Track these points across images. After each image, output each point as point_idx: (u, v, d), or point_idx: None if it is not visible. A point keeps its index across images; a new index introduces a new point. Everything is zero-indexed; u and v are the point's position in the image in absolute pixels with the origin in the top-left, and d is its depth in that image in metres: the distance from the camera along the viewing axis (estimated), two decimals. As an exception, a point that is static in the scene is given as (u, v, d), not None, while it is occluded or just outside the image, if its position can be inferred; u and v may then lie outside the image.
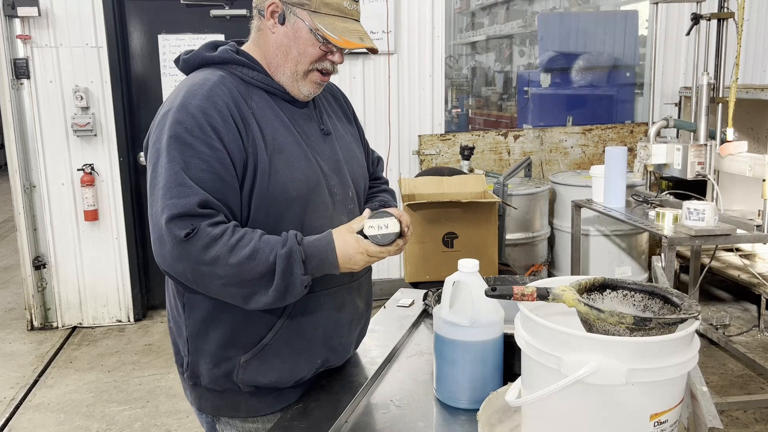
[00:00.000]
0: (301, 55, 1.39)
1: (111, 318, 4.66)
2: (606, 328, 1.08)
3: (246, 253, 1.25)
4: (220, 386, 1.43)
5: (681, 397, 1.08)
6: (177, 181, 1.26)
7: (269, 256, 1.27)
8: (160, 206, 1.26)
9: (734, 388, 3.54)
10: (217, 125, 1.30)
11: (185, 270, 1.27)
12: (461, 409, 1.39)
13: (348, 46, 1.36)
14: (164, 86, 4.59)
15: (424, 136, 4.79)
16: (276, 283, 1.27)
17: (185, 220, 1.24)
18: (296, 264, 1.28)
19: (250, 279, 1.26)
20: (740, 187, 4.21)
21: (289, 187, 1.36)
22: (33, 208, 4.48)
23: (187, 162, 1.28)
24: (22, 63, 4.26)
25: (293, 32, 1.38)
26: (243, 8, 4.58)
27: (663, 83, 5.04)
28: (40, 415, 3.45)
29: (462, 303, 1.37)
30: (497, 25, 6.57)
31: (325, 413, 1.38)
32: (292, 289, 1.29)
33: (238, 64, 1.41)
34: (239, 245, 1.26)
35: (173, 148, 1.29)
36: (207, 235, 1.24)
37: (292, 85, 1.42)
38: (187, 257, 1.25)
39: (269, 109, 1.40)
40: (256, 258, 1.26)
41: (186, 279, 1.29)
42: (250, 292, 1.28)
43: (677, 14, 4.97)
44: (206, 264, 1.25)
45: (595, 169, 3.75)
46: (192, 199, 1.25)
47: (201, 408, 1.49)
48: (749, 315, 4.46)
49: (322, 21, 1.36)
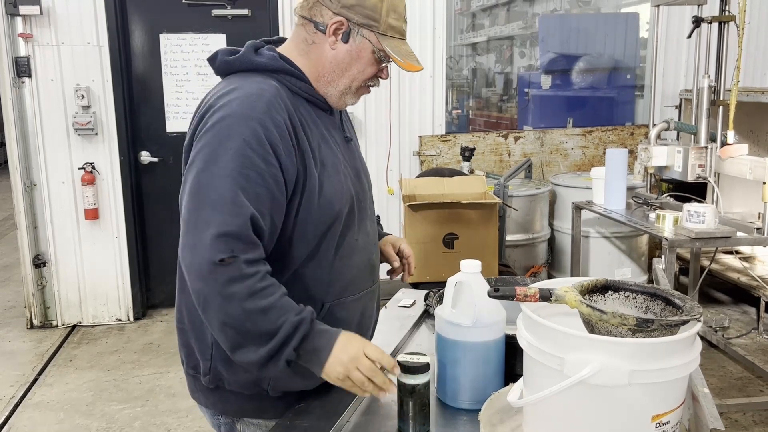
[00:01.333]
0: (360, 73, 1.42)
1: (111, 317, 4.67)
2: (608, 329, 1.09)
3: (262, 305, 1.23)
4: (248, 390, 1.42)
5: (682, 399, 1.08)
6: (231, 198, 1.24)
7: (279, 319, 1.24)
8: (208, 218, 1.24)
9: (733, 390, 3.54)
10: (275, 141, 1.29)
11: (200, 291, 1.24)
12: (463, 410, 1.40)
13: (411, 70, 1.40)
14: (165, 85, 4.59)
15: (425, 137, 4.79)
16: (270, 347, 1.24)
17: (229, 243, 1.22)
18: (296, 336, 1.25)
19: (250, 331, 1.24)
20: (740, 189, 4.22)
21: (334, 200, 1.38)
22: (33, 206, 4.48)
23: (245, 175, 1.26)
24: (23, 61, 4.26)
25: (357, 51, 1.40)
26: (245, 8, 4.58)
27: (663, 85, 5.04)
28: (39, 413, 3.45)
29: (464, 303, 1.37)
30: (498, 26, 6.58)
31: (327, 412, 1.38)
32: (277, 360, 1.25)
33: (288, 74, 1.40)
34: (260, 294, 1.24)
35: (231, 160, 1.26)
36: (238, 271, 1.22)
37: (340, 97, 1.45)
38: (214, 281, 1.22)
39: (311, 121, 1.41)
40: (267, 314, 1.24)
41: (196, 297, 1.26)
42: (242, 343, 1.25)
43: (678, 17, 4.97)
44: (222, 297, 1.22)
45: (596, 170, 3.75)
46: (240, 219, 1.24)
47: (224, 411, 1.48)
48: (748, 317, 4.46)
49: (389, 43, 1.39)
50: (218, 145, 1.28)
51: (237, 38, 4.59)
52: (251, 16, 4.61)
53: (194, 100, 4.61)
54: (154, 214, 4.76)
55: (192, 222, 1.26)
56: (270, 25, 4.56)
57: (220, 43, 4.60)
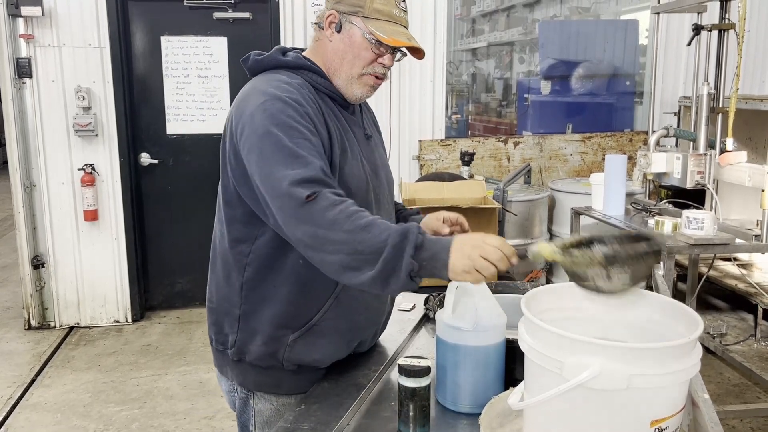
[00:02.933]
0: (356, 59, 1.51)
1: (109, 318, 4.66)
2: (586, 274, 1.13)
3: (362, 223, 1.28)
4: (265, 363, 1.53)
5: (682, 404, 1.09)
6: (293, 155, 1.33)
7: (383, 232, 1.27)
8: (281, 176, 1.32)
9: (731, 396, 3.55)
10: (311, 115, 1.42)
11: (304, 234, 1.30)
12: (463, 414, 1.40)
13: (396, 44, 1.49)
14: (166, 87, 4.60)
15: (425, 142, 4.80)
16: (384, 258, 1.25)
17: (309, 185, 1.30)
18: (408, 244, 1.26)
19: (360, 250, 1.27)
20: (739, 196, 4.22)
21: (351, 184, 1.47)
22: (33, 207, 4.48)
23: (297, 143, 1.35)
24: (24, 62, 4.27)
25: (348, 38, 1.51)
26: (246, 11, 4.59)
27: (663, 92, 5.06)
28: (36, 414, 3.44)
29: (465, 307, 1.38)
30: (498, 31, 6.60)
31: (327, 416, 1.38)
32: (398, 270, 1.26)
33: (310, 70, 1.53)
34: (357, 215, 1.29)
35: (281, 131, 1.36)
36: (327, 199, 1.29)
37: (347, 87, 1.54)
38: (307, 219, 1.29)
39: (333, 113, 1.52)
40: (371, 230, 1.27)
41: (304, 245, 1.32)
42: (354, 264, 1.28)
43: (677, 24, 5.00)
44: (324, 227, 1.28)
45: (595, 176, 3.76)
46: (313, 166, 1.32)
47: (243, 383, 1.59)
48: (746, 324, 4.47)
49: (374, 25, 1.49)
50: (263, 125, 1.37)
51: (238, 41, 4.60)
52: (252, 19, 4.62)
53: (195, 103, 4.62)
54: (153, 215, 4.76)
55: (270, 188, 1.34)
56: (271, 28, 4.57)
57: (221, 46, 4.61)
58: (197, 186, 4.68)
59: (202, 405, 3.50)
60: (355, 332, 1.58)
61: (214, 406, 3.47)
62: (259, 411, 1.59)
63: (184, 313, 4.86)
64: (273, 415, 1.59)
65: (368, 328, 1.63)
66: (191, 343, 4.35)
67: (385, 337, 1.81)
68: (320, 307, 1.50)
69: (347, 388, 1.51)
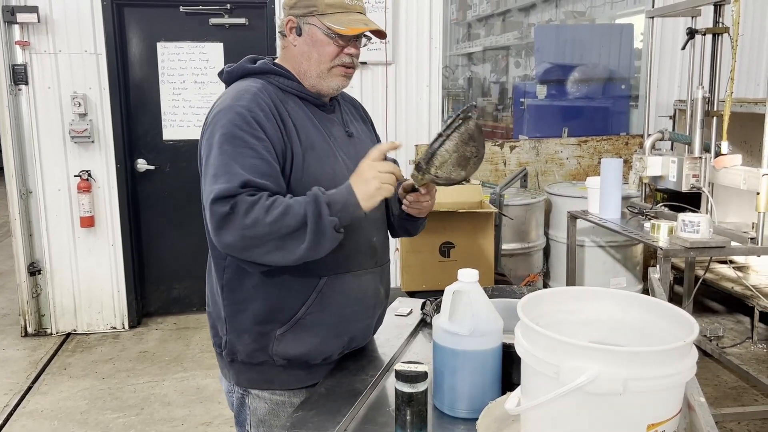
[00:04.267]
0: (321, 56, 1.58)
1: (106, 325, 4.65)
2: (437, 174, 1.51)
3: (280, 210, 1.38)
4: (256, 359, 1.58)
5: (679, 408, 1.09)
6: (225, 170, 1.42)
7: (299, 209, 1.39)
8: (208, 191, 1.42)
9: (728, 399, 3.55)
10: (261, 120, 1.48)
11: (234, 241, 1.39)
12: (460, 419, 1.40)
13: (353, 32, 1.54)
14: (162, 93, 4.60)
15: (421, 146, 4.81)
16: (310, 228, 1.38)
17: (227, 200, 1.39)
18: (322, 207, 1.40)
19: (286, 233, 1.38)
20: (734, 199, 4.24)
21: (320, 179, 1.51)
22: (29, 213, 4.48)
23: (238, 152, 1.44)
24: (20, 69, 4.27)
25: (310, 38, 1.58)
26: (242, 17, 4.60)
27: (658, 96, 5.08)
28: (33, 422, 3.43)
29: (462, 312, 1.38)
30: (494, 36, 6.62)
31: (325, 422, 1.38)
32: (324, 231, 1.40)
33: (275, 74, 1.61)
34: (273, 206, 1.39)
35: (225, 143, 1.45)
36: (245, 202, 1.38)
37: (321, 83, 1.60)
38: (232, 228, 1.38)
39: (302, 113, 1.59)
40: (289, 213, 1.38)
41: (237, 250, 1.42)
42: (290, 246, 1.40)
43: (672, 28, 5.02)
44: (248, 228, 1.37)
45: (591, 180, 3.77)
46: (235, 182, 1.40)
47: (238, 382, 1.64)
48: (743, 327, 4.48)
49: (329, 19, 1.55)
50: (215, 134, 1.48)
51: (234, 47, 4.61)
52: (248, 25, 4.63)
53: (191, 108, 4.62)
54: (150, 221, 4.76)
55: (204, 201, 1.46)
56: (267, 34, 4.58)
57: (218, 51, 4.61)
58: (194, 192, 4.61)
59: (200, 411, 3.49)
60: (342, 326, 1.60)
61: (212, 412, 3.47)
62: (254, 410, 1.64)
63: (181, 319, 4.85)
64: (267, 414, 1.63)
65: (357, 321, 1.64)
66: (188, 349, 4.34)
67: (382, 342, 1.81)
68: (304, 301, 1.55)
69: (344, 394, 1.51)
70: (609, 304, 1.27)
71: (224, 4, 4.56)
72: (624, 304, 1.26)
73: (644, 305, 1.24)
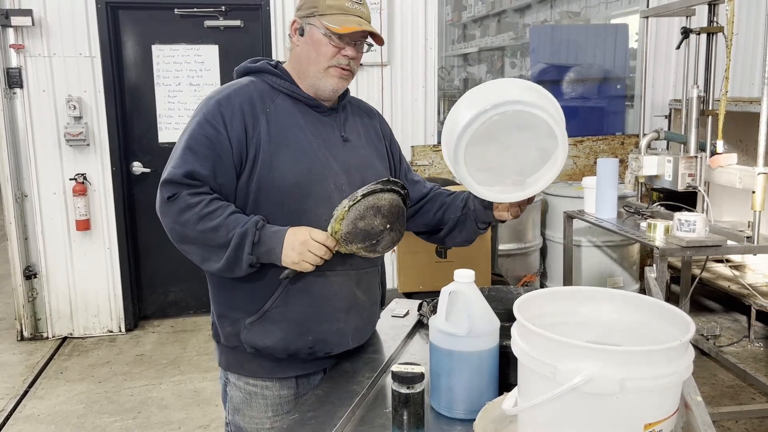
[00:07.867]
0: (319, 56, 1.62)
1: (102, 328, 4.64)
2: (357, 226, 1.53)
3: (211, 225, 1.50)
4: (231, 343, 1.67)
5: (676, 407, 1.09)
6: (179, 155, 1.55)
7: (226, 234, 1.50)
8: (164, 170, 1.55)
9: (725, 398, 3.55)
10: (226, 116, 1.57)
11: (167, 227, 1.55)
12: (457, 419, 1.40)
13: (346, 31, 1.58)
14: (158, 96, 4.59)
15: (417, 147, 4.81)
16: (227, 255, 1.51)
17: (173, 186, 1.52)
18: (246, 242, 1.50)
19: (210, 246, 1.52)
20: (730, 198, 4.25)
21: (289, 175, 1.57)
22: (24, 217, 4.46)
23: (195, 139, 1.55)
24: (15, 72, 4.26)
25: (310, 38, 1.63)
26: (237, 19, 4.59)
27: (653, 95, 5.09)
28: (30, 426, 3.42)
29: (458, 313, 1.38)
30: (489, 36, 6.62)
31: (322, 424, 1.38)
32: (240, 263, 1.51)
33: (269, 73, 1.68)
34: (208, 217, 1.51)
35: (191, 130, 1.57)
36: (184, 202, 1.51)
37: (318, 83, 1.65)
38: (168, 215, 1.54)
39: (288, 112, 1.64)
40: (218, 231, 1.50)
41: (168, 231, 1.56)
42: (207, 257, 1.54)
43: (667, 28, 5.03)
44: (179, 224, 1.52)
45: (587, 180, 3.77)
46: (181, 170, 1.52)
47: (219, 362, 1.75)
48: (739, 325, 4.49)
49: (328, 19, 1.60)
50: (192, 121, 1.60)
51: (229, 49, 4.60)
52: (243, 27, 4.62)
53: (186, 111, 4.61)
54: (146, 224, 4.75)
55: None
56: (262, 36, 4.57)
57: (213, 54, 4.61)
58: (190, 194, 4.65)
59: (197, 414, 3.48)
60: (306, 324, 1.61)
61: (209, 415, 3.46)
62: (231, 398, 1.73)
63: (178, 322, 4.84)
64: (241, 403, 1.71)
65: (324, 323, 1.62)
66: (185, 352, 4.33)
67: (378, 343, 1.80)
68: (272, 294, 1.60)
69: (341, 395, 1.51)
70: (605, 304, 1.27)
71: (219, 6, 4.55)
72: (620, 304, 1.26)
73: (641, 305, 1.24)
